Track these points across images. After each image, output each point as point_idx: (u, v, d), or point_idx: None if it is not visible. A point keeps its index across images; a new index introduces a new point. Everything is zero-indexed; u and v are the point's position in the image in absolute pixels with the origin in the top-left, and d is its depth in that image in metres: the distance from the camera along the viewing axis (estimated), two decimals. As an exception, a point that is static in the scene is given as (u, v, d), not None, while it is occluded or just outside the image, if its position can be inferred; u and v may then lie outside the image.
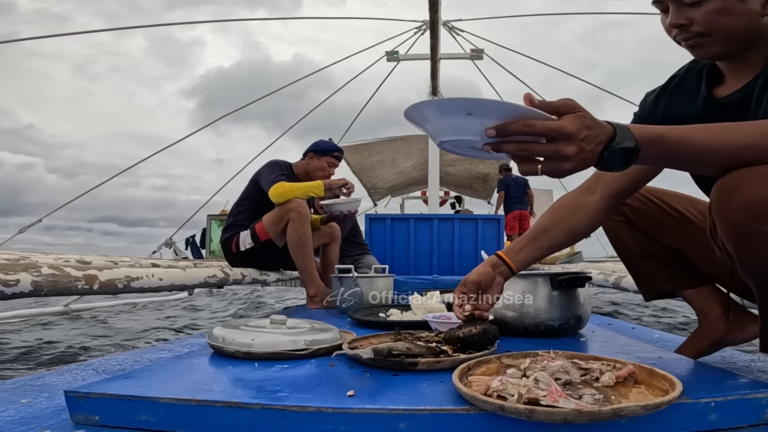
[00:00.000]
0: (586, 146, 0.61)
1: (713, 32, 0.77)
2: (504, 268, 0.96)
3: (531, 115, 0.59)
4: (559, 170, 0.62)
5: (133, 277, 1.54)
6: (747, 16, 0.76)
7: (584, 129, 0.60)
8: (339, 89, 6.39)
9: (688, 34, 0.79)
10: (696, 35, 0.79)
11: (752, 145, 0.63)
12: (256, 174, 2.40)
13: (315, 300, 2.09)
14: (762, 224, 0.61)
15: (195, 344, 1.27)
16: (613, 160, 0.63)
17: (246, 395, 0.64)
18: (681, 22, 0.79)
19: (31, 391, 0.83)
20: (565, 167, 0.62)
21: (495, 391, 0.57)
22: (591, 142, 0.61)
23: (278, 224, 2.18)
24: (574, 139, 0.60)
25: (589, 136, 0.60)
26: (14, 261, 1.26)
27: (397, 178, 7.89)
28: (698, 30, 0.78)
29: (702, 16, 0.77)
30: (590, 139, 0.61)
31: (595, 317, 1.85)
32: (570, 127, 0.59)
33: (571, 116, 0.61)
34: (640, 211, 1.03)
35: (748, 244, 0.64)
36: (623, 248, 1.09)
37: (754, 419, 0.61)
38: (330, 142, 2.50)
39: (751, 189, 0.61)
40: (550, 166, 0.62)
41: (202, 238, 8.17)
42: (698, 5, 0.76)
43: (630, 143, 0.63)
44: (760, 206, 0.61)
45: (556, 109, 0.61)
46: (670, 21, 0.81)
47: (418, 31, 5.55)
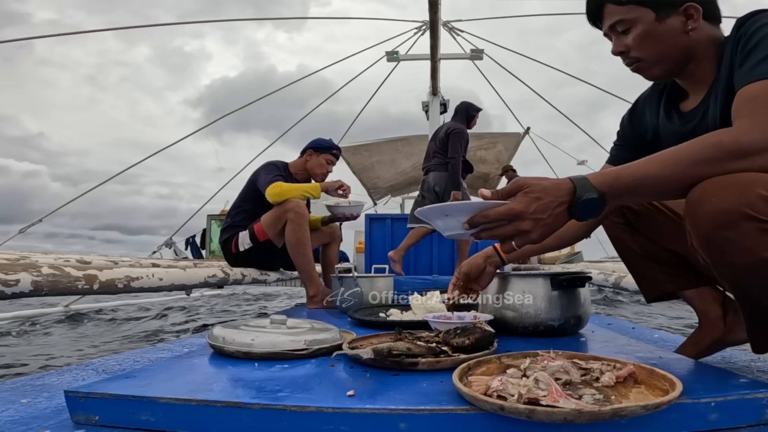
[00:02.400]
0: (541, 215, 0.67)
1: (644, 56, 0.87)
2: (496, 258, 1.09)
3: (485, 207, 0.69)
4: (528, 241, 0.69)
5: (133, 277, 1.54)
6: (669, 36, 0.84)
7: (532, 203, 0.67)
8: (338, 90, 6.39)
9: (629, 59, 0.89)
10: (634, 60, 0.88)
11: (700, 159, 0.66)
12: (253, 175, 2.41)
13: (315, 300, 2.09)
14: (727, 232, 0.63)
15: (195, 344, 1.27)
16: (582, 213, 0.68)
17: (246, 395, 0.64)
18: (620, 49, 0.89)
19: (31, 391, 0.83)
20: (532, 237, 0.68)
21: (495, 391, 0.57)
22: (546, 210, 0.67)
23: (276, 224, 2.18)
24: (524, 215, 0.67)
25: (539, 207, 0.67)
26: (14, 261, 1.26)
27: (397, 178, 7.88)
28: (635, 55, 0.88)
29: (632, 42, 0.87)
30: (543, 208, 0.67)
31: (595, 317, 1.85)
32: (517, 207, 0.67)
33: (519, 196, 0.68)
34: (640, 213, 1.03)
35: (718, 251, 0.66)
36: (624, 249, 1.10)
37: (754, 419, 0.61)
38: (328, 140, 2.50)
39: (714, 199, 0.64)
40: (519, 240, 0.69)
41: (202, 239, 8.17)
42: (628, 33, 0.87)
43: (592, 194, 0.68)
44: (723, 215, 0.63)
45: (508, 194, 0.69)
46: (612, 49, 0.91)
47: (418, 31, 5.55)
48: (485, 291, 1.25)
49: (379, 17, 6.40)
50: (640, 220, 1.04)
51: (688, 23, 0.84)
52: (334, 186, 2.28)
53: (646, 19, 0.85)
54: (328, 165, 2.45)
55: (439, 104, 5.60)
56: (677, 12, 0.84)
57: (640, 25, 0.85)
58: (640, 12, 0.85)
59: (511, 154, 6.78)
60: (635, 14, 0.86)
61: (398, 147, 6.94)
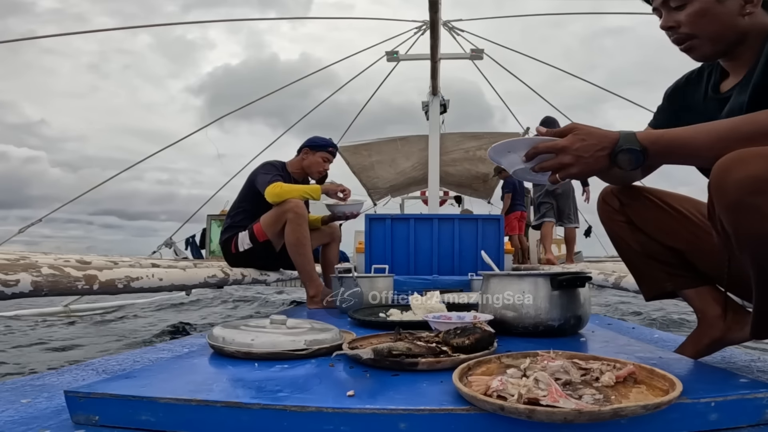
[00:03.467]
0: (583, 154, 0.77)
1: (698, 33, 0.86)
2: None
3: (538, 141, 0.81)
4: (568, 174, 0.80)
5: (133, 277, 1.54)
6: (726, 17, 0.83)
7: (576, 142, 0.78)
8: (339, 89, 6.39)
9: (678, 36, 0.88)
10: (685, 37, 0.87)
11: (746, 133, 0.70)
12: (251, 175, 2.41)
13: (315, 300, 2.09)
14: (757, 198, 0.64)
15: (195, 344, 1.27)
16: (622, 161, 0.77)
17: (246, 395, 0.64)
18: (670, 24, 0.88)
19: (31, 391, 0.83)
20: (571, 172, 0.79)
21: (495, 391, 0.57)
22: (587, 150, 0.77)
23: (276, 225, 2.18)
24: (568, 151, 0.78)
25: (583, 146, 0.77)
26: (14, 261, 1.26)
27: (397, 178, 7.88)
28: (685, 31, 0.86)
29: (686, 18, 0.85)
30: (586, 149, 0.77)
31: (595, 317, 1.85)
32: (561, 143, 0.78)
33: (568, 135, 0.79)
34: (640, 210, 1.03)
35: (744, 218, 0.66)
36: (624, 248, 1.10)
37: (754, 419, 0.61)
38: (324, 138, 2.48)
39: (747, 165, 0.65)
40: (562, 173, 0.80)
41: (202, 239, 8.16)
42: (682, 8, 0.85)
43: (635, 146, 0.76)
44: (755, 181, 0.64)
45: (560, 133, 0.80)
46: (661, 24, 0.90)
47: (418, 31, 5.55)
48: (485, 291, 1.25)
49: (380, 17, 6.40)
50: (641, 217, 1.04)
51: (747, 7, 0.82)
52: (334, 189, 2.28)
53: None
54: (325, 163, 2.44)
55: (438, 104, 5.60)
56: None
57: (697, 2, 0.83)
58: None
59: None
60: None
61: (398, 147, 6.93)
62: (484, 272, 1.31)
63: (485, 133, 6.89)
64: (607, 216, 1.10)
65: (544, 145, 0.80)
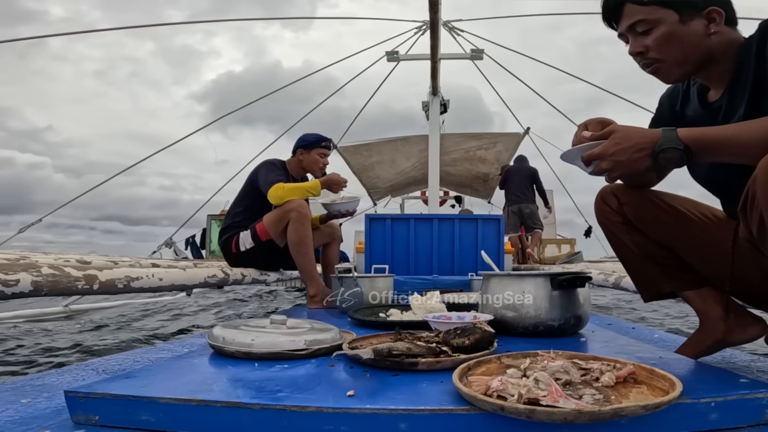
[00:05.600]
0: (619, 158, 0.79)
1: (665, 58, 0.87)
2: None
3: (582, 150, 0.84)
4: (612, 179, 0.86)
5: (133, 277, 1.54)
6: (693, 38, 0.85)
7: (611, 147, 0.79)
8: (339, 89, 6.39)
9: (647, 60, 0.90)
10: (653, 61, 0.89)
11: None
12: (252, 174, 2.40)
13: (315, 300, 2.09)
14: None
15: (195, 344, 1.27)
16: (663, 160, 0.77)
17: (246, 395, 0.64)
18: (638, 49, 0.89)
19: (31, 391, 0.83)
20: (612, 176, 0.83)
21: (495, 391, 0.57)
22: (623, 154, 0.79)
23: (279, 224, 2.18)
24: (604, 157, 0.80)
25: (618, 150, 0.79)
26: (14, 261, 1.26)
27: (397, 178, 7.88)
28: (654, 56, 0.88)
29: (653, 43, 0.87)
30: (621, 152, 0.79)
31: (595, 317, 1.85)
32: (597, 150, 0.81)
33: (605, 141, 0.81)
34: (639, 210, 1.03)
35: None
36: (622, 249, 1.09)
37: (754, 419, 0.61)
38: (314, 134, 2.46)
39: None
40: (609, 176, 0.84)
41: (202, 239, 8.16)
42: (648, 33, 0.87)
43: (677, 145, 0.76)
44: None
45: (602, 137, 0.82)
46: (629, 50, 0.91)
47: (419, 31, 5.54)
48: (485, 291, 1.25)
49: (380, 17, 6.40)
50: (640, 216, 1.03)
51: (711, 26, 0.84)
52: (335, 181, 2.29)
53: (670, 20, 0.85)
54: (323, 158, 2.43)
55: (439, 104, 5.60)
56: (700, 15, 0.84)
57: (663, 26, 0.85)
58: (664, 13, 0.85)
59: (511, 154, 6.78)
60: (658, 15, 0.85)
61: (398, 147, 6.93)
62: (484, 272, 1.31)
63: (485, 133, 6.89)
64: (605, 216, 1.09)
65: (587, 154, 0.82)
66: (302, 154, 2.41)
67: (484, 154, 7.07)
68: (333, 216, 2.46)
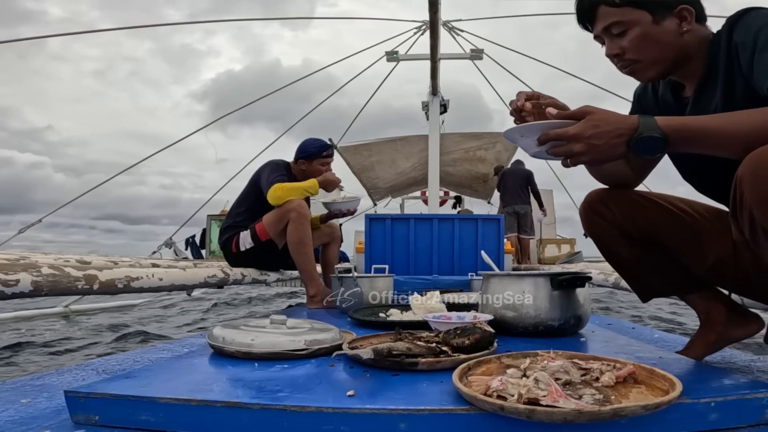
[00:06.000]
0: (596, 141, 0.73)
1: (641, 58, 0.88)
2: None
3: (549, 126, 0.77)
4: (578, 161, 0.77)
5: (133, 277, 1.54)
6: (666, 37, 0.86)
7: (589, 129, 0.74)
8: (339, 89, 6.39)
9: (624, 62, 0.90)
10: (630, 62, 0.90)
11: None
12: (255, 175, 2.40)
13: (315, 300, 2.09)
14: None
15: (195, 344, 1.27)
16: (641, 149, 0.73)
17: (246, 395, 0.64)
18: (615, 51, 0.90)
19: (31, 391, 0.83)
20: (582, 159, 0.76)
21: (495, 391, 0.57)
22: (601, 138, 0.73)
23: (278, 224, 2.18)
24: (579, 139, 0.74)
25: (596, 134, 0.73)
26: (14, 261, 1.26)
27: (397, 179, 7.88)
28: (631, 57, 0.89)
29: (629, 44, 0.88)
30: (599, 136, 0.73)
31: (595, 317, 1.85)
32: (572, 131, 0.74)
33: (581, 122, 0.75)
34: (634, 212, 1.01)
35: None
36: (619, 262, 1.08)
37: (754, 419, 0.61)
38: (315, 142, 2.44)
39: None
40: (574, 160, 0.77)
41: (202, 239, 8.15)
42: (624, 35, 0.88)
43: (655, 133, 0.72)
44: None
45: (571, 116, 0.76)
46: (606, 52, 0.92)
47: (418, 31, 5.55)
48: (485, 291, 1.25)
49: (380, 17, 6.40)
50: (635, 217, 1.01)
51: (683, 25, 0.86)
52: (331, 180, 2.29)
53: (644, 21, 0.86)
54: (325, 167, 2.42)
55: (438, 104, 5.60)
56: (672, 14, 0.86)
57: (637, 27, 0.86)
58: (637, 14, 0.86)
59: (511, 154, 6.79)
60: (632, 16, 0.87)
61: (398, 147, 6.94)
62: (484, 272, 1.31)
63: (485, 133, 6.90)
64: (599, 228, 1.06)
65: (554, 132, 0.76)
66: (303, 164, 2.40)
67: (484, 154, 7.08)
68: (334, 215, 2.46)
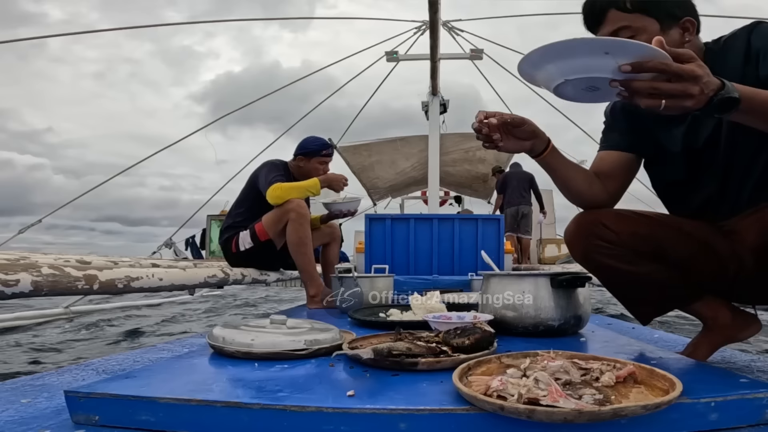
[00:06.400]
0: (705, 89, 0.68)
1: None
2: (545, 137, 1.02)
3: (664, 56, 0.67)
4: (681, 107, 0.69)
5: (133, 277, 1.54)
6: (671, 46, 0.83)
7: (706, 75, 0.68)
8: (339, 89, 6.39)
9: None
10: None
11: None
12: (253, 175, 2.40)
13: (315, 300, 2.09)
14: None
15: (195, 344, 1.27)
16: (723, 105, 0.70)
17: (246, 395, 0.64)
18: None
19: (31, 391, 0.83)
20: (687, 104, 0.69)
21: (495, 391, 0.57)
22: (707, 87, 0.68)
23: (278, 224, 2.18)
24: (698, 82, 0.67)
25: (708, 82, 0.68)
26: (14, 261, 1.26)
27: (397, 179, 7.88)
28: None
29: None
30: (708, 85, 0.68)
31: (595, 317, 1.85)
32: (698, 71, 0.67)
33: (697, 63, 0.68)
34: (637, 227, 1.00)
35: None
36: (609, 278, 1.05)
37: (754, 419, 0.61)
38: (316, 140, 2.44)
39: None
40: (674, 102, 0.68)
41: (201, 239, 8.16)
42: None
43: (735, 94, 0.70)
44: None
45: (677, 56, 0.68)
46: None
47: (418, 31, 5.54)
48: (485, 291, 1.25)
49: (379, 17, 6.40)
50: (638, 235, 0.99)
51: (686, 35, 0.89)
52: (336, 180, 2.28)
53: (651, 29, 0.88)
54: (322, 166, 2.41)
55: (438, 104, 5.60)
56: (677, 25, 0.89)
57: (645, 34, 0.87)
58: (647, 21, 0.88)
59: (511, 155, 6.78)
60: (642, 23, 0.88)
61: (398, 147, 6.94)
62: (484, 272, 1.31)
63: (485, 134, 6.87)
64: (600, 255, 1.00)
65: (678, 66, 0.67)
66: (301, 161, 2.40)
67: (484, 154, 7.08)
68: (334, 216, 2.46)
